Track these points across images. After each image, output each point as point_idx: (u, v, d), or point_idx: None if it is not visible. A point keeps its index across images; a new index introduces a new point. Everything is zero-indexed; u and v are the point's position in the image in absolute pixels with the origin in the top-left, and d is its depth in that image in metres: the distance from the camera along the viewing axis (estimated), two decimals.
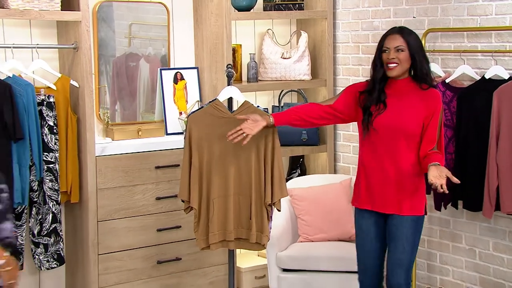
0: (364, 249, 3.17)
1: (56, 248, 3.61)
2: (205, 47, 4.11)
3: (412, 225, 3.08)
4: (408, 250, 3.07)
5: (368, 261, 3.17)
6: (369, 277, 3.18)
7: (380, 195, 3.09)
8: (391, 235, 3.11)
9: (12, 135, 3.38)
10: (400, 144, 3.04)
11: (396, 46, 3.05)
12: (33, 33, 3.69)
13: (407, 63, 3.06)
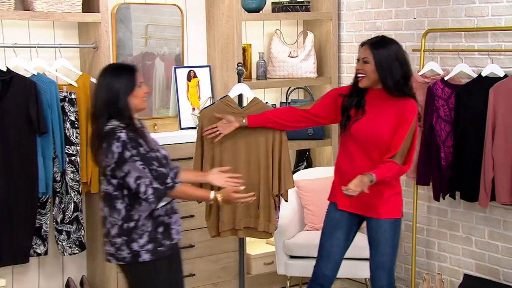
0: (333, 236, 3.08)
1: (78, 235, 3.65)
2: (216, 46, 4.13)
3: (390, 228, 3.02)
4: (389, 253, 3.03)
5: (333, 249, 3.07)
6: (330, 269, 3.08)
7: (356, 199, 2.94)
8: (371, 238, 3.07)
9: (36, 130, 3.42)
10: (374, 151, 2.97)
11: (363, 57, 2.98)
12: (56, 33, 3.72)
13: (373, 75, 2.96)
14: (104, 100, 2.67)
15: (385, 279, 3.03)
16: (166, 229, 2.74)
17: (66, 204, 3.60)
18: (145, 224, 2.69)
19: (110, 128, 2.64)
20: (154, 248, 2.69)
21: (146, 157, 2.63)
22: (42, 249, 3.56)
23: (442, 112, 3.65)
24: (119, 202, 2.68)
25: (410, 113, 2.96)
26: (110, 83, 2.67)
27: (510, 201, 3.39)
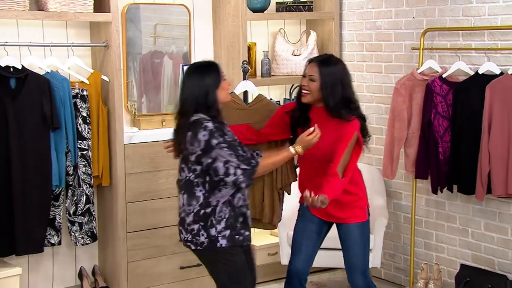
0: (304, 232, 3.06)
1: (90, 226, 3.68)
2: (222, 45, 4.14)
3: (358, 231, 3.02)
4: (360, 254, 3.04)
5: (304, 244, 3.05)
6: (301, 261, 3.06)
7: (323, 210, 2.96)
8: (342, 242, 3.08)
9: (50, 125, 3.45)
10: (323, 167, 2.92)
11: (309, 75, 2.93)
12: (68, 33, 3.74)
13: (317, 93, 2.92)
14: (195, 97, 2.76)
15: (361, 280, 3.05)
16: (245, 221, 2.83)
17: (78, 197, 3.63)
18: (222, 210, 2.76)
19: (195, 119, 2.74)
20: (232, 236, 2.77)
21: (232, 144, 2.74)
22: (55, 239, 3.59)
23: (440, 108, 3.67)
24: (198, 189, 2.76)
25: (350, 129, 2.91)
26: (199, 81, 2.77)
27: (505, 194, 3.42)
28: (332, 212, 3.03)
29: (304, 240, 3.08)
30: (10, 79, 3.41)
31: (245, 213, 2.84)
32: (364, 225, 3.06)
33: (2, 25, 3.56)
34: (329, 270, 4.32)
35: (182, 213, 2.83)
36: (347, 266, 3.09)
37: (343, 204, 3.02)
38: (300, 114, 3.02)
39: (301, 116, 3.02)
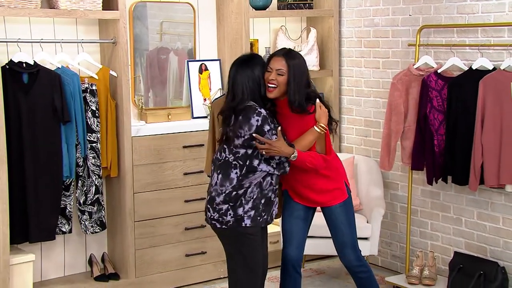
0: (292, 220, 3.06)
1: (99, 215, 3.71)
2: (226, 41, 4.16)
3: (342, 211, 3.04)
4: (348, 232, 3.05)
5: (293, 231, 3.05)
6: (294, 248, 3.05)
7: (302, 195, 3.02)
8: (328, 222, 3.09)
9: (61, 118, 3.48)
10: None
11: (278, 68, 2.84)
12: (78, 29, 3.76)
13: (284, 87, 2.86)
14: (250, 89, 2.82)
15: (352, 254, 3.07)
16: (268, 205, 2.87)
17: (88, 187, 3.66)
18: (253, 191, 2.83)
19: (249, 105, 2.80)
20: (255, 216, 2.83)
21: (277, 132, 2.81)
22: (66, 228, 3.63)
23: (436, 102, 3.69)
24: (234, 171, 2.81)
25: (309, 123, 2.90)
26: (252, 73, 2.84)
27: (497, 185, 3.44)
28: (313, 198, 3.04)
29: (293, 228, 3.08)
30: (23, 74, 3.45)
31: (270, 197, 2.88)
32: (345, 203, 3.06)
33: (15, 22, 3.59)
34: (328, 257, 4.37)
35: (213, 192, 2.87)
36: (337, 244, 3.10)
37: (322, 190, 3.03)
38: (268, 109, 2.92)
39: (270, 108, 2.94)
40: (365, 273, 3.12)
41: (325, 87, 4.48)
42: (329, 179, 3.06)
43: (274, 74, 2.87)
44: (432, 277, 3.79)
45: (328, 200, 3.06)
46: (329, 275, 4.15)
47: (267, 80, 2.89)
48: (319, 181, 3.01)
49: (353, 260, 3.08)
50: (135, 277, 3.81)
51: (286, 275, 3.11)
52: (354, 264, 3.09)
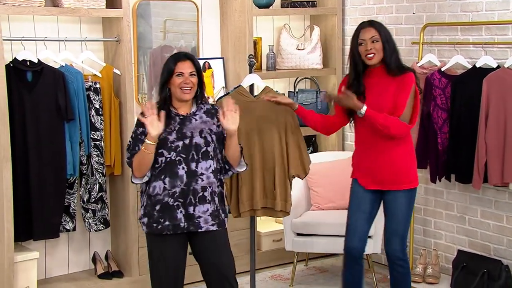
0: (357, 211, 3.12)
1: (102, 213, 3.71)
2: (229, 40, 4.16)
3: (406, 199, 3.06)
4: (403, 221, 3.08)
5: (358, 223, 3.11)
6: (357, 241, 3.11)
7: (374, 175, 3.06)
8: (387, 209, 3.11)
9: (64, 116, 3.49)
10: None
11: (371, 37, 3.00)
12: (82, 28, 3.77)
13: (382, 52, 3.02)
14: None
15: (399, 244, 3.09)
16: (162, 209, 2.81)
17: (91, 185, 3.66)
18: (142, 197, 2.87)
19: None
20: (148, 223, 2.84)
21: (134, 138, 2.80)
22: (70, 225, 3.63)
23: (439, 100, 3.69)
24: None
25: (409, 82, 3.01)
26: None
27: (501, 183, 3.44)
28: (383, 177, 3.05)
29: (358, 221, 3.12)
30: (27, 73, 3.45)
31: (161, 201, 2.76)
32: (412, 192, 3.10)
33: (19, 20, 3.59)
34: (331, 256, 4.36)
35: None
36: (388, 231, 3.12)
37: (398, 168, 3.04)
38: (356, 84, 3.07)
39: (357, 85, 3.07)
40: (404, 268, 3.13)
41: (329, 85, 4.48)
42: (410, 158, 3.07)
43: (369, 43, 3.01)
44: (435, 275, 3.79)
45: (398, 183, 3.05)
46: (333, 273, 4.14)
47: (363, 53, 3.02)
48: (398, 157, 3.04)
49: (399, 250, 3.09)
50: (138, 275, 3.81)
51: (348, 267, 3.16)
52: (398, 255, 3.10)
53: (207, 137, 2.80)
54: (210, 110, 2.88)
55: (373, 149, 3.06)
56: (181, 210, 2.76)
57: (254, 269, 3.49)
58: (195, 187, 2.76)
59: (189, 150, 2.76)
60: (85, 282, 3.75)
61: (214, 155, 2.81)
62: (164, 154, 2.74)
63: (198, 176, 2.76)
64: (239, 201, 3.28)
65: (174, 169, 2.74)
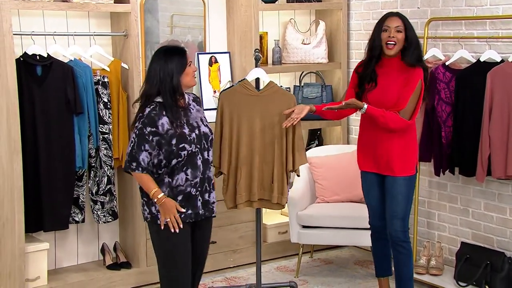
0: (370, 195, 3.30)
1: (111, 205, 3.74)
2: (236, 34, 4.17)
3: (405, 184, 3.17)
4: (403, 204, 3.17)
5: (373, 205, 3.30)
6: (377, 219, 3.31)
7: (374, 161, 3.20)
8: (387, 192, 3.22)
9: (73, 110, 3.52)
10: None
11: (396, 26, 3.07)
12: (90, 23, 3.79)
13: (402, 44, 3.09)
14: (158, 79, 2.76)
15: (400, 226, 3.19)
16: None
17: (100, 178, 3.69)
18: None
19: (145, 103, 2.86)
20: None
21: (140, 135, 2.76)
22: (79, 217, 3.66)
23: (443, 94, 3.69)
24: None
25: (416, 77, 3.08)
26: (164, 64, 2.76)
27: (505, 176, 3.45)
28: (380, 163, 3.18)
29: (371, 201, 3.31)
30: (37, 67, 3.48)
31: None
32: (411, 178, 3.20)
33: (29, 15, 3.62)
34: (336, 247, 4.40)
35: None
36: (388, 214, 3.24)
37: (398, 156, 3.14)
38: (369, 71, 3.13)
39: (369, 72, 3.13)
40: (406, 249, 3.24)
41: (334, 79, 4.49)
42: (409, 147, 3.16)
43: (393, 31, 3.06)
44: (439, 267, 3.80)
45: (396, 169, 3.16)
46: (337, 265, 4.17)
47: (385, 39, 3.07)
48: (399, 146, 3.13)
49: (400, 231, 3.20)
50: (146, 266, 3.84)
51: (374, 241, 3.40)
52: (399, 236, 3.21)
53: (208, 125, 2.93)
54: (196, 99, 2.99)
55: (375, 136, 3.17)
56: (199, 198, 2.85)
57: (260, 261, 3.51)
58: (209, 174, 2.90)
59: (200, 140, 2.86)
60: (94, 273, 3.78)
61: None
62: (186, 148, 2.79)
63: (210, 164, 2.90)
64: (236, 192, 3.29)
65: (194, 160, 2.81)
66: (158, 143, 2.76)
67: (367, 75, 3.14)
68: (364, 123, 3.25)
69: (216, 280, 3.93)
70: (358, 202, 4.03)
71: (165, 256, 2.83)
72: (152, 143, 2.75)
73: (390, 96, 3.08)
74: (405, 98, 3.05)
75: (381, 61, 3.16)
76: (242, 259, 4.13)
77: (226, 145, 3.25)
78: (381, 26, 3.11)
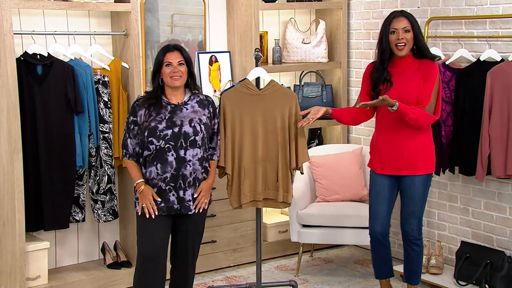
0: (377, 198, 3.22)
1: (111, 204, 3.74)
2: (236, 33, 4.17)
3: (422, 184, 3.17)
4: (419, 203, 3.19)
5: (378, 209, 3.23)
6: (379, 225, 3.24)
7: (393, 160, 3.15)
8: (404, 192, 3.20)
9: (74, 109, 3.51)
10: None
11: (404, 27, 3.05)
12: (91, 22, 3.79)
13: (412, 42, 3.08)
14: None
15: (416, 225, 3.21)
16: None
17: (100, 177, 3.69)
18: None
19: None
20: None
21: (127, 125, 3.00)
22: (80, 216, 3.67)
23: (443, 93, 3.66)
24: None
25: (434, 72, 3.08)
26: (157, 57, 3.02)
27: (505, 175, 3.45)
28: (402, 163, 3.13)
29: (378, 206, 3.23)
30: (37, 66, 3.48)
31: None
32: (429, 177, 3.18)
33: (29, 15, 3.62)
34: (336, 246, 4.40)
35: None
36: (405, 213, 3.22)
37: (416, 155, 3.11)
38: (381, 73, 3.12)
39: (381, 74, 3.11)
40: (419, 247, 3.25)
41: (334, 78, 4.48)
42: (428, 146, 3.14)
43: (401, 33, 3.05)
44: (439, 266, 3.80)
45: (416, 168, 3.13)
46: (337, 264, 4.17)
47: (394, 41, 3.06)
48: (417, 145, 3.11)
49: (415, 230, 3.20)
50: None
51: (374, 247, 3.32)
52: (415, 234, 3.21)
53: (196, 126, 2.97)
54: (203, 101, 3.05)
55: (395, 136, 3.13)
56: (173, 193, 2.96)
57: (260, 260, 3.51)
58: (184, 172, 2.95)
59: (177, 138, 2.94)
60: (94, 272, 3.79)
61: (201, 144, 2.98)
62: (154, 142, 2.94)
63: (187, 162, 2.95)
64: (240, 192, 3.29)
65: (164, 156, 2.93)
66: (137, 132, 2.98)
67: (381, 77, 3.12)
68: (382, 125, 3.19)
69: (216, 279, 3.93)
70: (358, 201, 4.03)
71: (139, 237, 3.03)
72: (133, 131, 2.99)
73: (409, 93, 3.06)
74: (427, 94, 3.05)
75: (392, 61, 3.13)
76: (242, 258, 4.13)
77: (229, 145, 3.24)
78: (388, 28, 3.09)
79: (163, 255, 3.00)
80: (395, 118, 3.11)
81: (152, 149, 2.93)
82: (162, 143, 2.92)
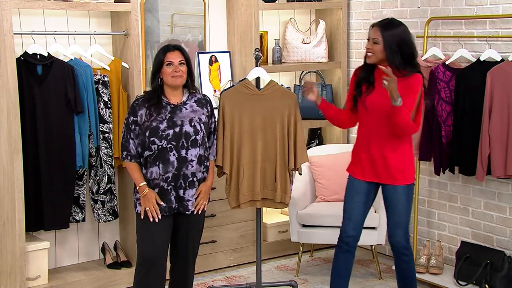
0: (353, 200, 3.15)
1: (111, 204, 3.74)
2: (236, 33, 4.17)
3: (405, 192, 3.10)
4: (404, 214, 3.12)
5: (354, 212, 3.14)
6: (351, 228, 3.15)
7: (372, 167, 3.10)
8: (388, 201, 3.14)
9: (74, 109, 3.51)
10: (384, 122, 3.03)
11: (373, 38, 3.02)
12: (91, 22, 3.79)
13: (381, 54, 3.01)
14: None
15: (402, 236, 3.14)
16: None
17: (100, 177, 3.69)
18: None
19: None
20: None
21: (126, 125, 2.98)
22: (80, 216, 3.67)
23: (443, 94, 3.69)
24: None
25: (416, 84, 3.02)
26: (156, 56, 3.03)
27: (505, 175, 3.45)
28: (383, 173, 3.09)
29: (353, 210, 3.17)
30: (37, 66, 3.48)
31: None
32: (410, 187, 3.13)
33: (29, 14, 3.62)
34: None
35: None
36: (391, 223, 3.16)
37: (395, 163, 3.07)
38: (366, 74, 3.12)
39: (367, 75, 3.11)
40: (408, 256, 3.18)
41: (334, 78, 4.49)
42: (406, 154, 3.10)
43: (370, 43, 3.05)
44: (439, 266, 3.80)
45: (397, 177, 3.09)
46: None
47: (366, 49, 3.07)
48: (396, 152, 3.07)
49: (403, 241, 3.14)
50: None
51: (341, 255, 3.20)
52: (403, 245, 3.15)
53: (196, 125, 2.98)
54: (201, 100, 3.06)
55: (374, 142, 3.09)
56: (172, 193, 2.97)
57: (260, 260, 3.51)
58: (185, 172, 2.96)
59: (178, 138, 2.95)
60: (94, 272, 3.79)
61: (202, 143, 2.99)
62: (156, 142, 2.94)
63: (188, 162, 2.96)
64: (239, 192, 3.29)
65: (166, 156, 2.93)
66: (138, 133, 2.96)
67: (366, 77, 3.12)
68: (363, 129, 3.16)
69: (216, 279, 3.93)
70: None
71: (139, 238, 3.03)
72: (135, 131, 2.98)
73: (388, 102, 3.00)
74: (409, 108, 2.99)
75: (376, 68, 3.09)
76: (243, 258, 4.14)
77: (228, 144, 3.24)
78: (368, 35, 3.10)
79: (163, 256, 3.01)
80: (376, 125, 3.07)
81: (154, 149, 2.92)
82: (164, 143, 2.92)
